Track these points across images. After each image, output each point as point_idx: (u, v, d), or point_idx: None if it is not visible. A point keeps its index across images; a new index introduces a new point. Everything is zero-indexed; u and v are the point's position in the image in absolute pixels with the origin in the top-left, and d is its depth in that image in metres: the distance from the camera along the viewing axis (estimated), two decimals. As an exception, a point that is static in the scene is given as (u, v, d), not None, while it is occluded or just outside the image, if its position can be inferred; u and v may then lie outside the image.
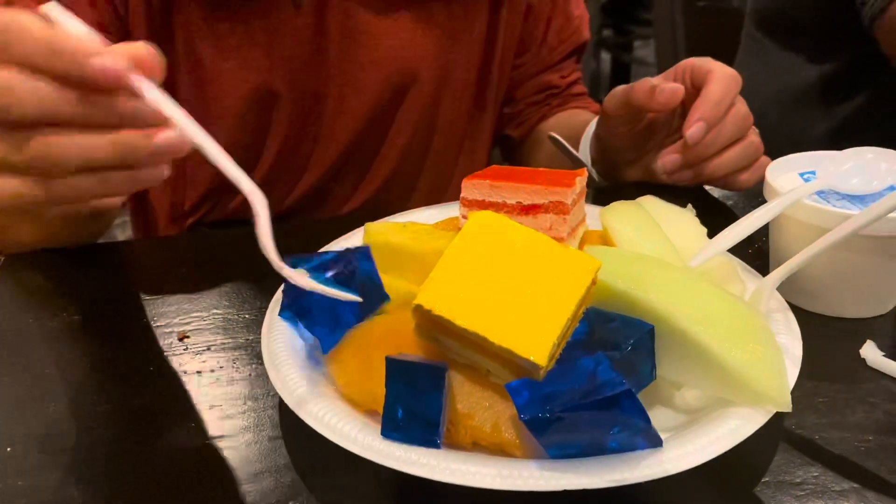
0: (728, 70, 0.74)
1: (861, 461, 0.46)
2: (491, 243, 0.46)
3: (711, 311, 0.46)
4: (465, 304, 0.43)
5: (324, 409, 0.44)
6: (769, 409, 0.43)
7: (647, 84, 0.74)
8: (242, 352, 0.57)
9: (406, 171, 0.97)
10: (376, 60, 0.89)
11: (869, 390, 0.52)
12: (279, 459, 0.47)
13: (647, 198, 0.62)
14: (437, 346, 0.46)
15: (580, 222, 0.59)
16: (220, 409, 0.51)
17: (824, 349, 0.56)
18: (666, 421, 0.45)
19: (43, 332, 0.61)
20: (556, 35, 1.02)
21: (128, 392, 0.53)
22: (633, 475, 0.39)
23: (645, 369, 0.44)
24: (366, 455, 0.41)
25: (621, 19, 3.73)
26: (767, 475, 0.45)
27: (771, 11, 1.26)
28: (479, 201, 0.57)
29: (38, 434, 0.49)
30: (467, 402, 0.43)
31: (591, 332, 0.45)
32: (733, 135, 0.74)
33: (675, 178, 0.77)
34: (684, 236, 0.58)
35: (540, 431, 0.39)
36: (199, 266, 0.70)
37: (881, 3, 0.97)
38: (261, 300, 0.64)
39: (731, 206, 0.79)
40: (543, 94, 1.04)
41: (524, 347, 0.41)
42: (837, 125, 1.19)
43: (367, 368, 0.46)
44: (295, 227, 0.87)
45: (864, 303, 0.60)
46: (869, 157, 0.60)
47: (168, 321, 0.61)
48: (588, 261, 0.45)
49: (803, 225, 0.58)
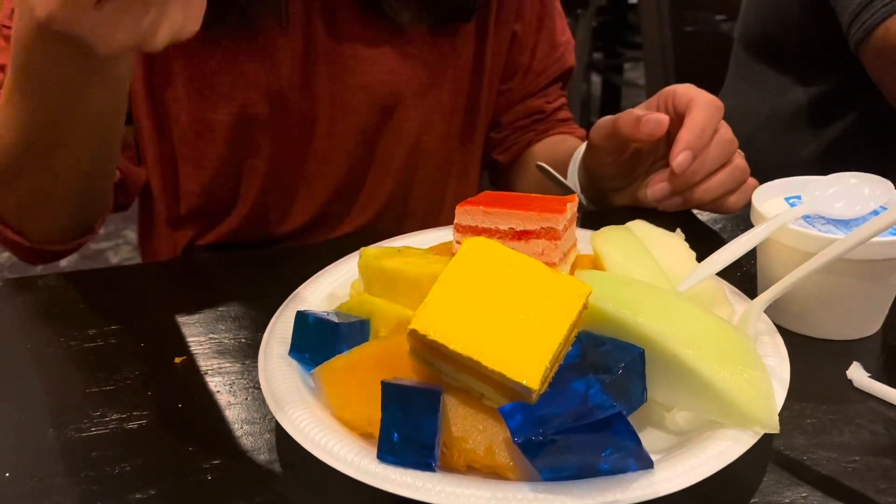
0: (710, 97, 0.76)
1: (848, 482, 0.47)
2: (484, 269, 0.46)
3: (700, 335, 0.47)
4: (459, 329, 0.43)
5: (320, 433, 0.45)
6: (757, 431, 0.44)
7: (632, 115, 0.76)
8: (239, 376, 0.58)
9: (399, 194, 0.98)
10: (364, 85, 0.90)
11: (856, 411, 0.53)
12: (276, 483, 0.47)
13: (637, 222, 0.63)
14: (431, 370, 0.46)
15: (571, 247, 0.60)
16: (217, 433, 0.52)
17: (812, 371, 0.56)
18: (657, 443, 0.46)
19: (39, 357, 0.61)
20: (541, 62, 1.03)
21: (124, 417, 0.53)
22: (625, 497, 0.40)
23: (636, 392, 0.45)
24: (362, 478, 0.42)
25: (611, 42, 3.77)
26: (756, 496, 0.46)
27: (758, 35, 1.28)
28: (472, 227, 0.58)
29: (35, 460, 0.50)
30: (462, 425, 0.44)
31: (582, 356, 0.46)
32: (719, 160, 0.75)
33: (664, 206, 0.78)
34: (673, 260, 0.59)
35: (533, 454, 0.40)
36: (196, 290, 0.71)
37: (866, 28, 0.99)
38: (257, 324, 0.64)
39: (719, 231, 0.81)
40: (529, 119, 1.05)
41: (517, 371, 0.42)
42: (825, 147, 1.21)
43: (363, 392, 0.47)
44: (290, 252, 0.87)
45: (850, 325, 0.61)
46: (852, 182, 0.61)
47: (164, 345, 0.62)
48: (579, 286, 0.46)
49: (790, 249, 0.59)
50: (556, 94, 1.06)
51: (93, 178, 0.77)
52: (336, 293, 0.62)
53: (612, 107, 3.65)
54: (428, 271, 0.53)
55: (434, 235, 0.70)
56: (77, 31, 0.52)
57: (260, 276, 0.73)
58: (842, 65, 1.13)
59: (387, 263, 0.56)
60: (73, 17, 0.51)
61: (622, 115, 0.77)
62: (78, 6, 0.51)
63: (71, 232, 0.80)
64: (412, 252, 0.60)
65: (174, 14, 0.54)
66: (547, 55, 1.03)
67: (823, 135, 1.21)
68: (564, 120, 1.07)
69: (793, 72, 1.23)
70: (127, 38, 0.54)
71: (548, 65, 1.03)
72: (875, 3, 0.98)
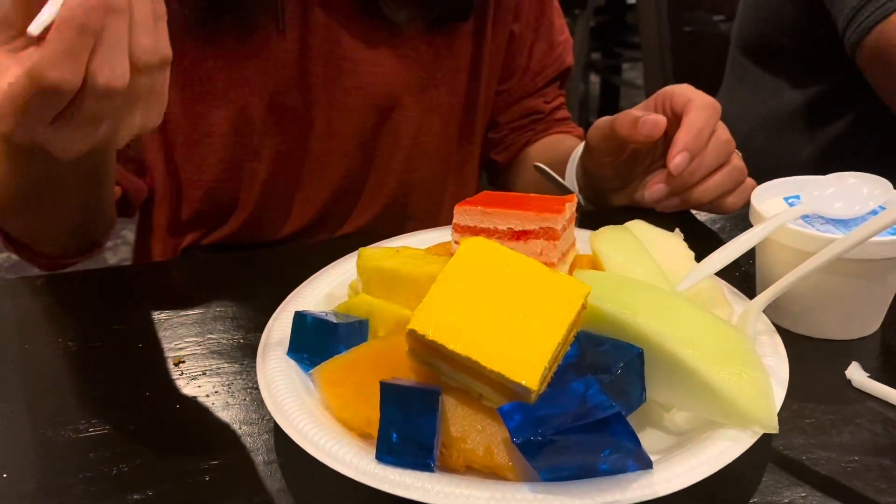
0: (707, 98, 0.76)
1: (847, 481, 0.47)
2: (483, 269, 0.46)
3: (699, 335, 0.47)
4: (457, 329, 0.43)
5: (319, 434, 0.45)
6: (757, 431, 0.44)
7: (630, 116, 0.76)
8: (237, 377, 0.58)
9: (397, 195, 0.98)
10: (360, 86, 0.90)
11: (855, 411, 0.53)
12: (274, 484, 0.47)
13: (636, 222, 0.63)
14: (430, 370, 0.46)
15: (570, 247, 0.60)
16: (216, 433, 0.52)
17: (810, 371, 0.56)
18: (656, 443, 0.46)
19: (37, 357, 0.61)
20: (539, 61, 1.03)
21: (123, 417, 0.53)
22: (624, 497, 0.40)
23: (635, 392, 0.45)
24: (360, 479, 0.42)
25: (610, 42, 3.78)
26: (756, 496, 0.46)
27: (754, 37, 1.28)
28: (470, 227, 0.58)
29: (34, 460, 0.50)
30: (460, 425, 0.44)
31: (581, 356, 0.45)
32: (716, 161, 0.76)
33: (662, 206, 0.78)
34: (672, 260, 0.59)
35: (532, 454, 0.40)
36: (194, 291, 0.71)
37: (862, 30, 0.99)
38: (255, 325, 0.64)
39: (718, 231, 0.81)
40: (527, 119, 1.05)
41: (516, 371, 0.42)
42: (822, 148, 1.21)
43: (362, 393, 0.47)
44: (289, 252, 0.87)
45: (848, 324, 0.61)
46: (851, 181, 0.61)
47: (162, 346, 0.62)
48: (578, 286, 0.46)
49: (788, 249, 0.59)
50: (554, 94, 1.06)
51: (89, 213, 0.79)
52: (334, 293, 0.62)
53: (611, 107, 3.66)
54: (426, 271, 0.53)
55: (432, 235, 0.70)
56: (36, 142, 0.53)
57: (258, 277, 0.73)
58: (837, 66, 1.14)
59: (385, 263, 0.56)
60: (29, 133, 0.52)
61: (619, 116, 0.77)
62: (32, 127, 0.51)
63: (77, 248, 0.83)
64: (411, 252, 0.60)
65: (132, 120, 0.54)
66: (545, 55, 1.03)
67: (820, 136, 1.21)
68: (562, 119, 1.07)
69: (789, 73, 1.24)
70: (85, 146, 0.54)
71: (546, 64, 1.03)
72: (870, 5, 0.98)
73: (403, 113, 0.93)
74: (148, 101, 0.55)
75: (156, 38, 0.53)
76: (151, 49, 0.52)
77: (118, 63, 0.50)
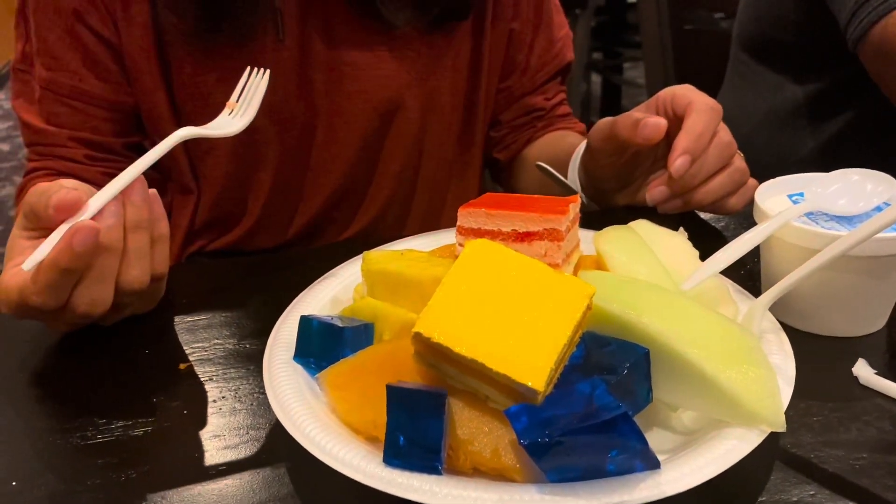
0: (708, 100, 0.76)
1: (856, 479, 0.47)
2: (488, 271, 0.46)
3: (705, 334, 0.47)
4: (463, 332, 0.43)
5: (326, 438, 0.45)
6: (764, 429, 0.44)
7: (630, 118, 0.75)
8: (244, 381, 0.58)
9: (400, 197, 0.98)
10: (361, 90, 0.90)
11: (862, 408, 0.53)
12: (282, 488, 0.47)
13: (640, 222, 0.63)
14: (436, 373, 0.46)
15: (574, 248, 0.60)
16: (223, 439, 0.52)
17: (817, 368, 0.56)
18: (663, 443, 0.46)
19: (43, 365, 0.61)
20: (539, 58, 1.02)
21: (130, 422, 0.53)
22: (632, 497, 0.40)
23: (641, 392, 0.45)
24: (368, 482, 0.42)
25: (611, 42, 3.77)
26: (764, 494, 0.45)
27: (754, 34, 1.28)
28: (475, 229, 0.58)
29: (42, 468, 0.50)
30: (467, 427, 0.44)
31: (587, 357, 0.45)
32: (718, 163, 0.75)
33: (664, 208, 0.78)
34: (677, 259, 0.59)
35: (539, 456, 0.40)
36: (199, 296, 0.71)
37: (864, 26, 0.99)
38: (261, 329, 0.64)
39: (722, 229, 0.81)
40: (529, 116, 1.05)
41: (522, 373, 0.42)
42: (824, 145, 1.21)
43: (368, 396, 0.47)
44: (293, 256, 0.87)
45: (854, 321, 0.61)
46: (855, 178, 0.61)
47: (169, 352, 0.62)
48: (583, 286, 0.46)
49: (793, 246, 0.59)
50: (555, 90, 1.06)
51: None
52: (339, 297, 0.62)
53: (613, 106, 3.65)
54: (431, 274, 0.53)
55: (437, 238, 0.70)
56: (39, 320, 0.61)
57: (262, 282, 0.73)
58: (839, 63, 1.13)
59: (390, 267, 0.56)
60: (31, 318, 0.60)
61: (620, 117, 0.77)
62: (22, 318, 0.60)
63: None
64: (415, 255, 0.60)
65: (121, 314, 0.63)
66: (545, 51, 1.03)
67: (821, 133, 1.21)
68: (564, 115, 1.07)
69: (790, 70, 1.23)
70: (82, 323, 0.62)
71: (546, 61, 1.03)
72: (872, 1, 0.98)
73: (405, 114, 0.93)
74: (142, 300, 0.62)
75: (147, 268, 0.59)
76: (139, 279, 0.59)
77: (100, 294, 0.57)
